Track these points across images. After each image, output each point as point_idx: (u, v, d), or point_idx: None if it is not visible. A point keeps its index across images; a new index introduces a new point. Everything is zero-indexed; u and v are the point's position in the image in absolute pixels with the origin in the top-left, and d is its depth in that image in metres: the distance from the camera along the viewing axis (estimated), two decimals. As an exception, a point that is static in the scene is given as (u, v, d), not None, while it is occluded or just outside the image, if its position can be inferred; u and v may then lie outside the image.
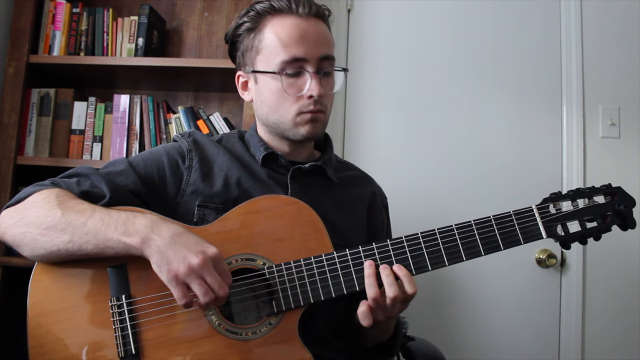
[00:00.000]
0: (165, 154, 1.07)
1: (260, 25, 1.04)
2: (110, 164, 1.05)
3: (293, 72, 1.02)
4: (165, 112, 1.86)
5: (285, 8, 1.03)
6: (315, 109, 1.02)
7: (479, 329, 1.89)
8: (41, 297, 0.90)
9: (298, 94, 1.02)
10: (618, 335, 1.84)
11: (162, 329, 0.90)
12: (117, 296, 0.90)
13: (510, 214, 0.96)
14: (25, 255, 0.92)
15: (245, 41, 1.07)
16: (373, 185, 1.22)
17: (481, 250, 0.94)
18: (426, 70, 2.00)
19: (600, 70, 1.94)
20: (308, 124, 1.04)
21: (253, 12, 1.05)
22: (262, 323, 0.92)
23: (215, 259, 0.85)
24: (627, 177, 1.90)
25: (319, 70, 1.03)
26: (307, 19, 1.03)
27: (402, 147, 1.97)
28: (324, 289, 0.93)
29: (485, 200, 1.91)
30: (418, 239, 0.95)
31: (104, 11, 1.89)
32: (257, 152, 1.09)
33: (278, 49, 1.01)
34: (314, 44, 1.02)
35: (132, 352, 0.88)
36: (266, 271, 0.94)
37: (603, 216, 0.97)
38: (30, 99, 1.85)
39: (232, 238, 0.95)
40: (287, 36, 1.01)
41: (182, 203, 1.03)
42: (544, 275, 1.89)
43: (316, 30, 1.03)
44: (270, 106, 1.05)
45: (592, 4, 1.96)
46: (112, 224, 0.87)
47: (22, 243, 0.91)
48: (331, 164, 1.15)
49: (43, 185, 0.96)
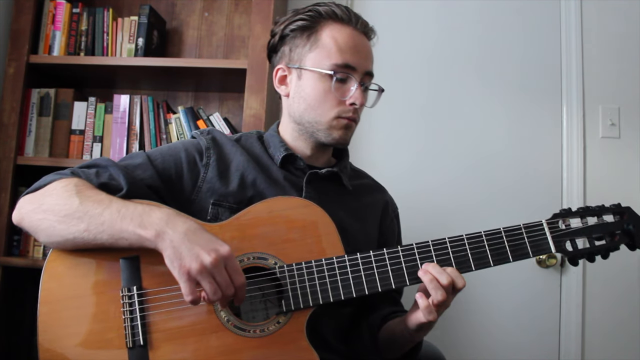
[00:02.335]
0: (184, 150, 1.08)
1: (317, 27, 1.08)
2: (128, 157, 1.06)
3: (341, 77, 1.05)
4: (165, 112, 1.86)
5: (346, 19, 1.08)
6: (353, 116, 1.07)
7: (479, 329, 1.89)
8: (54, 283, 0.91)
9: (342, 98, 1.05)
10: (618, 336, 1.84)
11: (171, 321, 0.90)
12: (128, 287, 0.91)
13: (520, 227, 0.97)
14: (41, 242, 0.94)
15: (297, 38, 1.09)
16: (385, 195, 1.24)
17: (490, 262, 0.96)
18: (426, 70, 2.00)
19: (600, 70, 1.94)
20: (342, 129, 1.07)
21: (314, 12, 1.08)
22: (270, 321, 0.93)
23: (228, 258, 0.85)
24: (627, 177, 1.90)
25: (362, 83, 1.07)
26: (361, 34, 1.10)
27: (402, 147, 1.97)
28: (333, 291, 0.94)
29: (485, 201, 1.91)
30: (428, 246, 0.96)
31: (104, 11, 1.89)
32: (276, 152, 1.11)
33: (333, 52, 1.05)
34: (365, 58, 1.08)
35: (140, 343, 0.88)
36: (277, 270, 0.95)
37: (612, 234, 0.99)
38: (30, 99, 1.86)
39: (245, 236, 0.96)
40: (344, 43, 1.06)
41: (197, 200, 1.04)
42: (544, 275, 1.89)
43: (367, 46, 1.11)
44: (310, 103, 1.07)
45: (592, 4, 1.96)
46: (128, 215, 0.88)
47: (39, 229, 0.92)
48: (347, 171, 1.17)
49: (63, 174, 0.98)
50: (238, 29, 2.03)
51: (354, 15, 1.09)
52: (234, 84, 1.88)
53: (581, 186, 1.89)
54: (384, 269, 0.95)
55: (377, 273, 0.95)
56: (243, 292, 0.87)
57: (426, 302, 0.92)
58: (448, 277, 0.91)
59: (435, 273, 0.92)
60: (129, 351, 0.88)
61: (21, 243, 1.84)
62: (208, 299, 0.84)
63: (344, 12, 1.08)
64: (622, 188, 1.88)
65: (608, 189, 1.89)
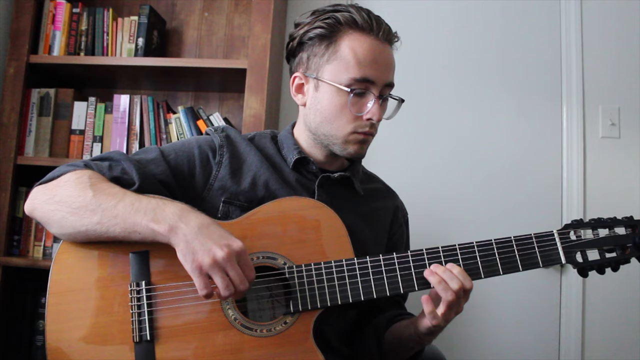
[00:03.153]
0: (197, 147, 1.07)
1: (336, 36, 1.03)
2: (142, 151, 1.06)
3: (359, 92, 1.02)
4: (165, 112, 1.86)
5: (367, 27, 1.03)
6: (369, 131, 1.04)
7: (479, 329, 1.89)
8: (63, 275, 0.91)
9: (358, 114, 1.03)
10: (618, 335, 1.84)
11: (178, 318, 0.91)
12: (137, 281, 0.91)
13: (530, 236, 0.97)
14: (53, 233, 0.93)
15: (315, 47, 1.05)
16: (396, 200, 1.23)
17: (500, 270, 0.96)
18: (426, 70, 2.00)
19: (600, 70, 1.94)
20: (358, 144, 1.05)
21: (333, 20, 1.03)
22: (277, 321, 0.93)
23: (240, 253, 0.85)
24: (627, 177, 1.90)
25: (381, 95, 1.04)
26: (383, 42, 1.04)
27: (402, 147, 1.97)
28: (341, 294, 0.94)
29: (485, 201, 1.91)
30: (438, 252, 0.96)
31: (104, 11, 1.89)
32: (289, 154, 1.10)
33: (352, 65, 1.01)
34: (385, 70, 1.04)
35: (147, 338, 0.89)
36: (286, 271, 0.95)
37: (623, 247, 0.98)
38: (30, 99, 1.86)
39: (255, 235, 0.96)
40: (364, 55, 1.01)
41: (208, 197, 1.04)
42: (544, 275, 1.89)
43: (388, 56, 1.05)
44: (326, 117, 1.04)
45: (592, 4, 1.96)
46: (142, 209, 0.88)
47: (52, 220, 0.92)
48: (359, 175, 1.16)
49: (76, 165, 0.97)
50: (238, 29, 2.03)
51: (376, 22, 1.04)
52: (234, 84, 1.88)
53: (581, 186, 1.89)
54: (393, 274, 0.95)
55: (386, 278, 0.95)
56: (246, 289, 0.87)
57: (431, 307, 0.92)
58: (458, 282, 0.91)
59: (446, 277, 0.92)
60: (136, 345, 0.89)
61: (21, 243, 1.84)
62: (220, 294, 0.84)
63: (364, 19, 1.03)
64: (622, 188, 1.88)
65: (608, 189, 1.89)
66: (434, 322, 0.92)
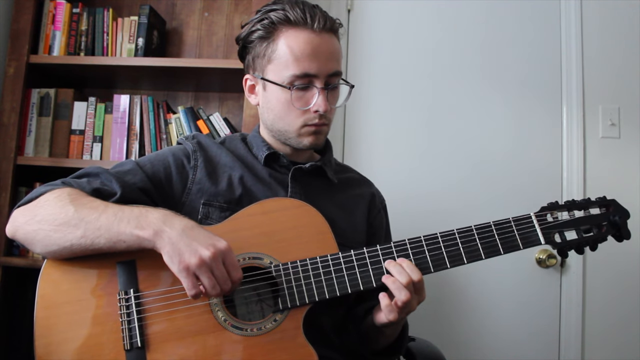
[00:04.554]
0: (171, 155, 1.10)
1: (273, 35, 1.05)
2: (117, 165, 1.07)
3: (302, 86, 1.04)
4: (165, 112, 1.86)
5: (301, 21, 1.03)
6: (319, 122, 1.06)
7: (479, 329, 1.89)
8: (50, 290, 0.91)
9: (305, 108, 1.05)
10: (618, 335, 1.84)
11: (168, 323, 0.91)
12: (125, 290, 0.92)
13: (509, 220, 0.99)
14: (38, 253, 0.93)
15: (257, 48, 1.08)
16: (372, 187, 1.25)
17: (482, 254, 0.97)
18: (426, 70, 2.00)
19: (600, 70, 1.94)
20: (312, 136, 1.08)
21: (267, 20, 1.05)
22: (267, 319, 0.94)
23: (226, 253, 0.87)
24: (627, 177, 1.90)
25: (327, 85, 1.05)
26: (320, 34, 1.04)
27: (402, 147, 1.97)
28: (328, 287, 0.95)
29: (485, 201, 1.91)
30: (421, 241, 0.98)
31: (104, 11, 1.89)
32: (259, 152, 1.13)
33: (290, 63, 1.03)
34: (325, 61, 1.04)
35: (138, 345, 0.89)
36: (272, 269, 0.96)
37: (599, 226, 1.01)
38: (30, 99, 1.85)
39: (240, 237, 0.97)
40: (300, 51, 1.02)
41: (187, 202, 1.05)
42: (544, 275, 1.89)
43: (328, 47, 1.05)
44: (277, 114, 1.08)
45: (592, 4, 1.96)
46: (125, 218, 0.88)
47: (35, 240, 0.92)
48: (331, 165, 1.18)
49: (54, 185, 0.98)
50: (238, 29, 2.02)
51: (310, 15, 1.03)
52: (234, 84, 1.88)
53: (581, 186, 1.89)
54: (378, 265, 0.97)
55: (372, 269, 0.97)
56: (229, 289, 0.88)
57: (387, 301, 0.94)
58: (407, 275, 0.93)
59: (396, 273, 0.93)
60: (127, 353, 0.89)
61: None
62: (207, 294, 0.85)
63: (297, 14, 1.03)
64: (622, 188, 1.88)
65: (608, 189, 1.87)
66: (390, 317, 0.94)
